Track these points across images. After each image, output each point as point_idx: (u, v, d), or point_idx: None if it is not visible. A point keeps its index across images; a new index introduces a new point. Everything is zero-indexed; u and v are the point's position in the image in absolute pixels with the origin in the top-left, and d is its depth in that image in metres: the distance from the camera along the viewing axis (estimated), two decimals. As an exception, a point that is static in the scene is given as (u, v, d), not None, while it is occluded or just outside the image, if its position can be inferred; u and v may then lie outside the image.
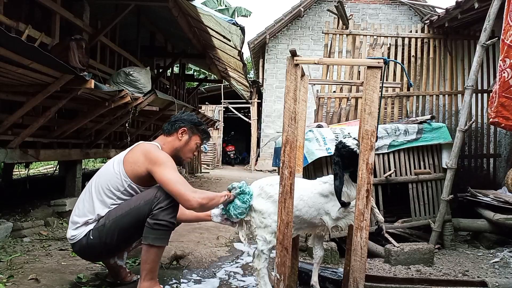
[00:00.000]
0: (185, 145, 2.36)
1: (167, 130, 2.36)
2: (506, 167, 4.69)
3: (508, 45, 2.63)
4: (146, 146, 2.25)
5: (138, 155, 2.20)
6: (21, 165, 6.89)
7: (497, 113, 2.65)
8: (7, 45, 2.37)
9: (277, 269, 1.94)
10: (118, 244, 2.21)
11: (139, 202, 2.14)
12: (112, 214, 2.16)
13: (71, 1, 5.04)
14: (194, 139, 2.39)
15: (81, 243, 2.18)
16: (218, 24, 5.04)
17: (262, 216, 2.16)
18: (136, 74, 5.01)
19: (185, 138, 2.36)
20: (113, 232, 2.14)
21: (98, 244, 2.16)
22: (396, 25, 4.69)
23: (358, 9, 12.44)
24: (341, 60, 3.64)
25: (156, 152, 2.20)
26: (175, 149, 2.34)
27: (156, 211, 2.10)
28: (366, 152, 1.89)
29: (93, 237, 2.15)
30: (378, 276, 2.70)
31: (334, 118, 4.31)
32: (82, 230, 2.18)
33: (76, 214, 2.24)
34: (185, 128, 2.35)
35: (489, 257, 3.44)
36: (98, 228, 2.15)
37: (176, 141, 2.34)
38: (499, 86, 2.63)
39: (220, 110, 15.42)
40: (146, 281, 2.12)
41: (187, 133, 2.36)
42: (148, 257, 2.11)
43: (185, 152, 2.38)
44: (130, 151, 2.26)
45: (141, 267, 2.14)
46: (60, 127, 4.23)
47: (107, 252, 2.27)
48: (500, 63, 2.65)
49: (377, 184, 3.57)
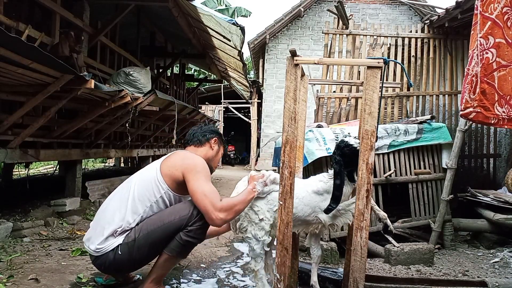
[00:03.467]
0: (216, 155, 2.47)
1: (197, 141, 2.43)
2: (506, 167, 4.69)
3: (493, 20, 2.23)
4: (185, 153, 2.33)
5: (176, 159, 2.24)
6: (21, 165, 6.90)
7: (479, 102, 2.21)
8: (7, 45, 2.37)
9: (277, 269, 1.94)
10: (147, 258, 2.21)
11: (173, 217, 2.12)
12: (143, 229, 2.11)
13: (71, 1, 5.05)
14: (221, 149, 2.52)
15: (107, 257, 2.10)
16: (218, 24, 5.05)
17: (255, 212, 2.17)
18: (136, 74, 5.01)
19: (216, 148, 2.47)
20: (144, 247, 2.10)
21: (127, 260, 2.11)
22: (396, 25, 4.69)
23: (358, 9, 12.43)
24: (341, 60, 3.64)
25: (193, 159, 2.24)
26: (208, 158, 2.39)
27: (192, 228, 2.12)
28: (366, 152, 1.89)
29: (122, 253, 2.09)
30: (378, 276, 2.71)
31: (334, 118, 4.31)
32: (110, 243, 2.11)
33: (101, 223, 2.16)
34: (216, 138, 2.47)
35: (489, 257, 3.44)
36: (128, 243, 2.09)
37: (209, 151, 2.43)
38: (480, 69, 2.24)
39: (220, 110, 15.41)
40: (153, 284, 2.14)
41: (217, 143, 2.48)
42: (165, 264, 2.15)
43: (215, 161, 2.50)
44: (167, 157, 2.29)
45: (152, 269, 2.17)
46: (60, 127, 4.23)
47: (133, 267, 2.25)
48: (481, 40, 2.24)
49: (377, 184, 3.57)
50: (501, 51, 2.22)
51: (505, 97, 2.23)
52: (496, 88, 2.23)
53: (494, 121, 2.24)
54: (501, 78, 2.23)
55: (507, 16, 2.24)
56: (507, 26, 2.24)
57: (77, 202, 4.47)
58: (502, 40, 2.23)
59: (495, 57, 2.24)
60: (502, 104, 2.24)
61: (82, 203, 4.58)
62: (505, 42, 2.23)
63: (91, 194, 4.94)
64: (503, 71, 2.24)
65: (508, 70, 2.24)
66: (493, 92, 2.23)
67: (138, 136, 6.84)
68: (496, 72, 2.23)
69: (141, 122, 6.36)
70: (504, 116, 2.24)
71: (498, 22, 2.23)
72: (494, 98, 2.23)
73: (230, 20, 4.56)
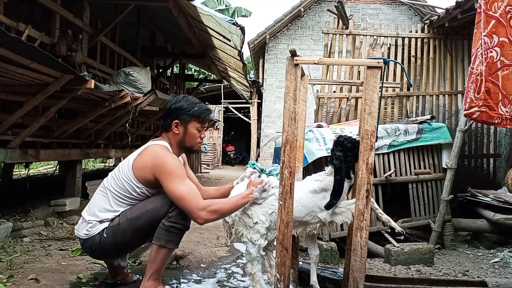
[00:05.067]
0: (185, 136, 2.25)
1: (164, 128, 2.28)
2: (506, 167, 4.69)
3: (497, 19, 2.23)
4: (154, 150, 2.17)
5: (147, 161, 2.14)
6: (21, 165, 6.89)
7: (484, 101, 2.20)
8: (7, 45, 2.37)
9: (277, 269, 1.94)
10: (131, 243, 2.23)
11: (156, 204, 2.14)
12: (127, 214, 2.16)
13: (71, 1, 5.04)
14: (191, 126, 2.24)
15: (93, 241, 2.16)
16: (218, 24, 5.04)
17: (248, 216, 2.16)
18: (136, 74, 5.01)
19: (181, 130, 2.24)
20: (127, 231, 2.13)
21: (111, 243, 2.15)
22: (396, 25, 4.69)
23: (358, 9, 12.43)
24: (341, 60, 3.64)
25: (163, 159, 2.11)
26: (178, 142, 2.26)
27: (173, 214, 2.11)
28: (366, 152, 1.89)
29: (107, 235, 2.14)
30: (378, 276, 2.71)
31: (334, 118, 4.31)
32: (97, 228, 2.16)
33: (91, 212, 2.21)
34: (176, 120, 2.23)
35: (489, 257, 3.44)
36: (113, 227, 2.15)
37: (175, 136, 2.25)
38: (485, 68, 2.24)
39: (220, 110, 15.42)
40: (151, 280, 2.13)
41: (181, 124, 2.23)
42: (157, 257, 2.12)
43: (190, 141, 2.27)
44: (139, 156, 2.19)
45: (147, 266, 2.16)
46: (60, 127, 4.23)
47: (118, 251, 2.28)
48: (485, 39, 2.25)
49: (377, 184, 3.57)
50: (504, 50, 2.22)
51: (508, 97, 2.23)
52: (500, 87, 2.24)
53: (497, 121, 2.24)
54: (504, 77, 2.24)
55: (510, 15, 2.24)
56: (510, 25, 2.24)
57: (77, 202, 4.47)
58: (505, 39, 2.24)
59: (499, 56, 2.22)
60: (505, 103, 2.24)
61: (82, 203, 4.58)
62: (508, 41, 2.24)
63: (91, 194, 4.92)
64: (506, 70, 2.24)
65: (511, 69, 2.25)
66: (497, 92, 2.22)
67: (138, 136, 6.84)
68: (500, 71, 2.24)
69: (141, 122, 6.36)
70: (507, 116, 2.24)
71: (502, 21, 2.23)
72: (498, 97, 2.23)
73: (230, 20, 4.56)
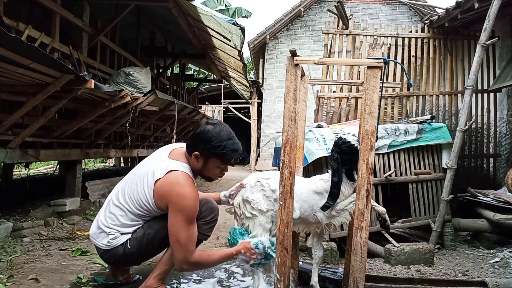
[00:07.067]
0: (203, 168, 2.15)
1: (187, 150, 2.17)
2: (506, 167, 4.69)
3: None
4: (177, 181, 2.05)
5: (166, 190, 2.04)
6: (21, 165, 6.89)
7: None
8: (7, 45, 2.37)
9: (277, 269, 1.94)
10: (154, 252, 2.25)
11: None
12: (152, 225, 2.15)
13: (71, 1, 5.05)
14: (212, 161, 2.13)
15: (116, 251, 2.14)
16: (218, 24, 5.04)
17: (252, 207, 2.18)
18: (136, 74, 5.01)
19: (201, 162, 2.13)
20: (153, 241, 2.15)
21: (136, 253, 2.15)
22: (396, 25, 4.69)
23: (358, 9, 12.43)
24: (341, 60, 3.64)
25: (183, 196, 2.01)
26: (197, 170, 2.17)
27: (200, 222, 2.17)
28: (366, 152, 1.89)
29: (131, 247, 2.13)
30: (378, 276, 2.70)
31: (334, 118, 4.31)
32: (119, 239, 2.14)
33: (110, 224, 2.15)
34: (198, 153, 2.10)
35: (489, 257, 3.44)
36: (137, 238, 2.14)
37: (194, 163, 2.14)
38: None
39: (220, 110, 15.43)
40: (156, 280, 2.15)
41: (202, 158, 2.11)
42: (169, 259, 2.14)
43: (208, 173, 2.19)
44: (162, 180, 2.05)
45: (157, 265, 2.19)
46: (60, 127, 4.23)
47: (141, 260, 2.32)
48: None
49: (377, 184, 3.57)
50: None
51: None
52: None
53: None
54: None
55: None
56: None
57: (77, 202, 4.47)
58: None
59: None
60: None
61: (82, 203, 4.58)
62: None
63: (91, 194, 4.95)
64: None
65: None
66: None
67: (138, 136, 6.84)
68: None
69: (141, 122, 6.36)
70: None
71: None
72: None
73: (230, 20, 4.56)
